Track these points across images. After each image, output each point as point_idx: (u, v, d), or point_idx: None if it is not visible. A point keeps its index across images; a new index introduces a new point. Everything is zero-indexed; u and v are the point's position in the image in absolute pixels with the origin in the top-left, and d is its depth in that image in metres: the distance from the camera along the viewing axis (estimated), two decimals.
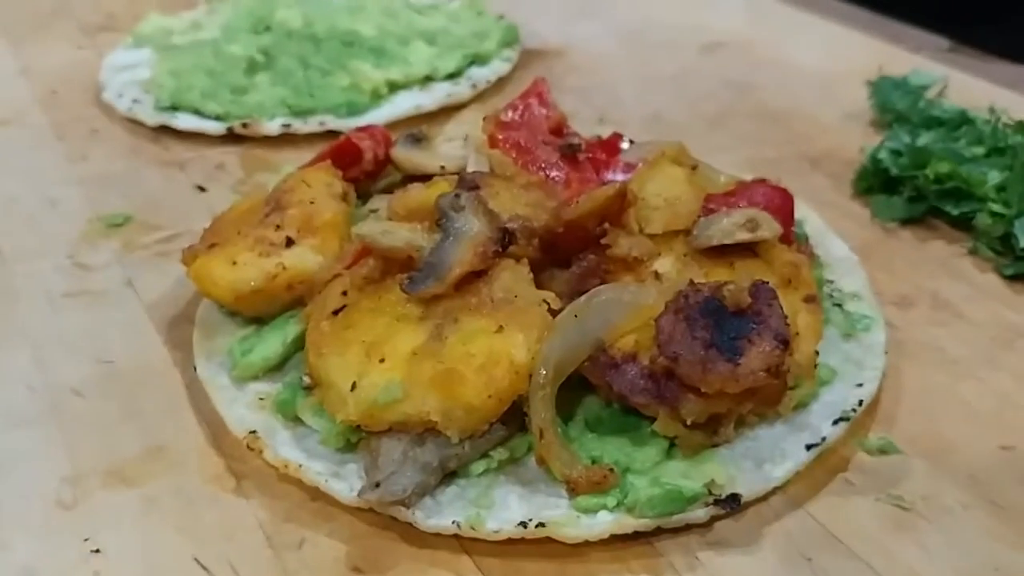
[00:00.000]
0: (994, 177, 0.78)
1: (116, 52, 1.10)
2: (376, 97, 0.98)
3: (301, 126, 0.93)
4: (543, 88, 0.84)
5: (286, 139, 0.93)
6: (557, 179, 0.73)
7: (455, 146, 0.79)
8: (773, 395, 0.58)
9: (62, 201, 0.86)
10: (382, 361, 0.58)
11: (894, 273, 0.75)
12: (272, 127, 0.93)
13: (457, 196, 0.63)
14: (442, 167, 0.75)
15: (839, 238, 0.75)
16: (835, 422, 0.59)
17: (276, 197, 0.71)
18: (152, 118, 0.96)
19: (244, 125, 0.93)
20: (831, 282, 0.71)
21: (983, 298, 0.72)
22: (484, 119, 0.77)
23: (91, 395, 0.65)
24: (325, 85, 0.98)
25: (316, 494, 0.57)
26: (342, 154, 0.77)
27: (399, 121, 0.95)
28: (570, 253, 0.64)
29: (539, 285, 0.62)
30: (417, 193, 0.69)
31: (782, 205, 0.69)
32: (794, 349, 0.59)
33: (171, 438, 0.62)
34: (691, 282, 0.58)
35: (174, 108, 0.96)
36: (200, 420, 0.63)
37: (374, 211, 0.74)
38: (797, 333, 0.60)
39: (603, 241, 0.63)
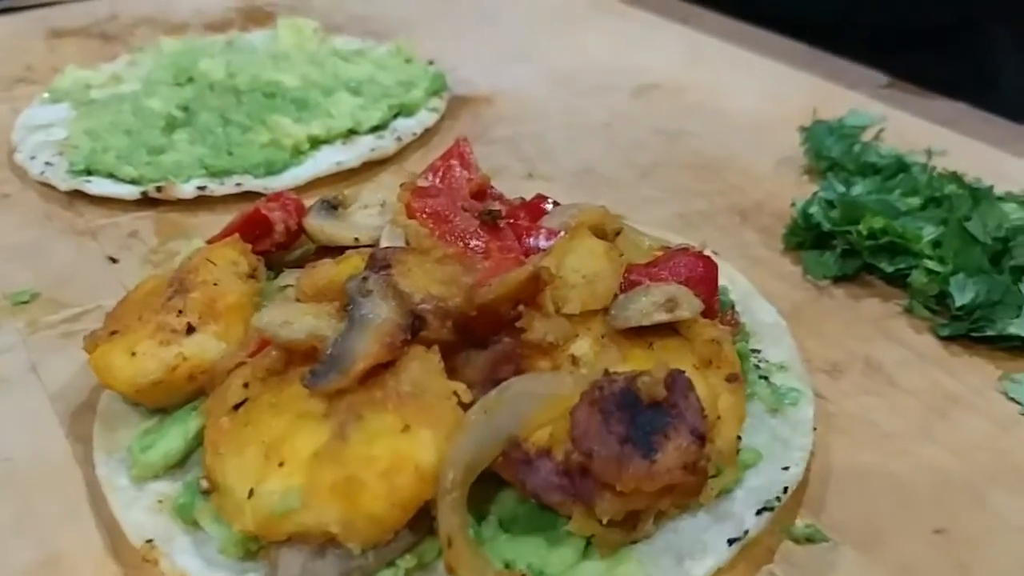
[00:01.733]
0: (930, 232, 0.77)
1: (31, 108, 1.07)
2: (297, 153, 0.95)
3: (217, 188, 0.90)
4: (464, 149, 0.82)
5: (202, 201, 0.90)
6: (477, 249, 0.70)
7: (371, 214, 0.76)
8: (693, 488, 0.55)
9: None
10: (281, 465, 0.55)
11: (824, 337, 0.73)
12: (187, 190, 0.90)
13: (365, 279, 0.61)
14: (356, 239, 0.72)
15: (767, 302, 0.73)
16: (759, 512, 0.57)
17: (180, 278, 0.68)
18: (64, 182, 0.92)
19: (158, 189, 0.89)
20: (757, 352, 0.68)
21: (918, 362, 0.70)
22: (401, 186, 0.74)
23: None
24: (244, 142, 0.95)
25: None
26: (251, 226, 0.74)
27: (319, 179, 0.92)
28: (486, 334, 0.62)
29: (454, 368, 0.59)
30: (326, 270, 0.66)
31: (705, 275, 0.67)
32: (715, 435, 0.57)
33: (67, 546, 0.58)
34: (606, 371, 0.56)
35: (88, 171, 0.92)
36: (99, 525, 0.60)
37: (285, 287, 0.71)
38: (719, 417, 0.58)
39: (518, 324, 0.60)
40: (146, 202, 0.90)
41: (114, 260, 0.84)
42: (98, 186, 0.91)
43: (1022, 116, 1.04)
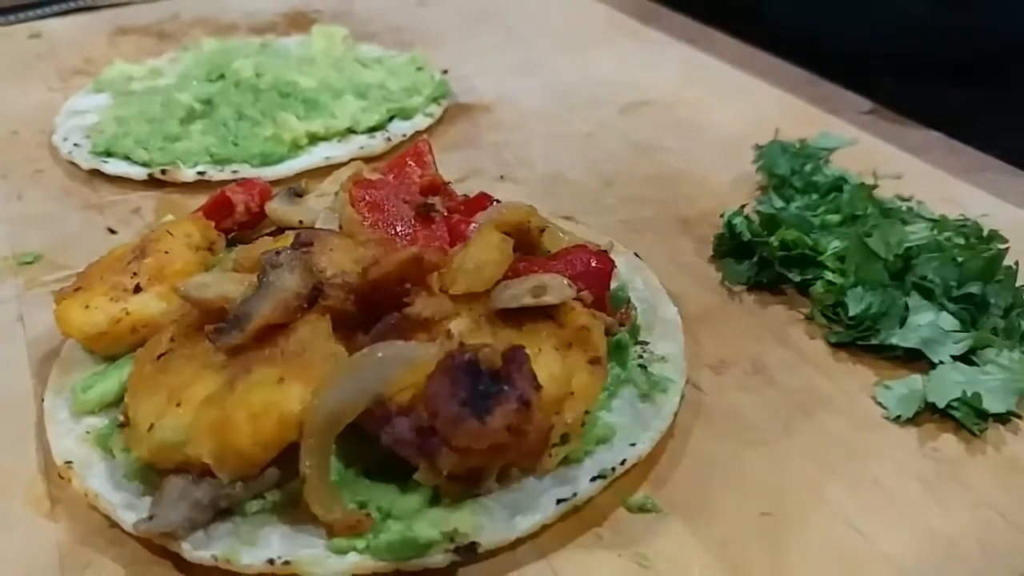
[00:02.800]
0: (836, 246, 0.81)
1: (76, 96, 1.19)
2: (295, 148, 1.04)
3: (215, 174, 1.00)
4: (423, 148, 0.90)
5: (200, 185, 1.00)
6: (403, 236, 0.78)
7: (324, 202, 0.84)
8: (533, 451, 0.62)
9: None
10: (178, 406, 0.63)
11: (722, 337, 0.78)
12: (188, 174, 1.00)
13: (278, 253, 0.69)
14: (300, 221, 0.80)
15: (671, 301, 0.78)
16: (593, 479, 0.63)
17: (142, 246, 0.78)
18: (86, 162, 1.03)
19: (163, 171, 1.00)
20: (645, 343, 0.74)
21: (801, 365, 0.75)
22: (349, 177, 0.82)
23: None
24: (250, 135, 1.05)
25: (114, 522, 0.63)
26: (216, 207, 0.83)
27: (309, 172, 1.01)
28: (382, 310, 0.69)
29: (353, 339, 0.67)
30: (261, 245, 0.75)
31: (598, 270, 0.73)
32: (565, 408, 0.64)
33: (8, 463, 0.68)
34: (461, 343, 0.63)
35: (108, 153, 1.04)
36: (39, 449, 0.70)
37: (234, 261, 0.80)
38: (572, 393, 0.65)
39: (405, 300, 0.68)
40: (152, 183, 1.01)
41: (113, 231, 0.94)
42: (113, 166, 1.02)
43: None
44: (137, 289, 0.74)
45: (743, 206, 0.87)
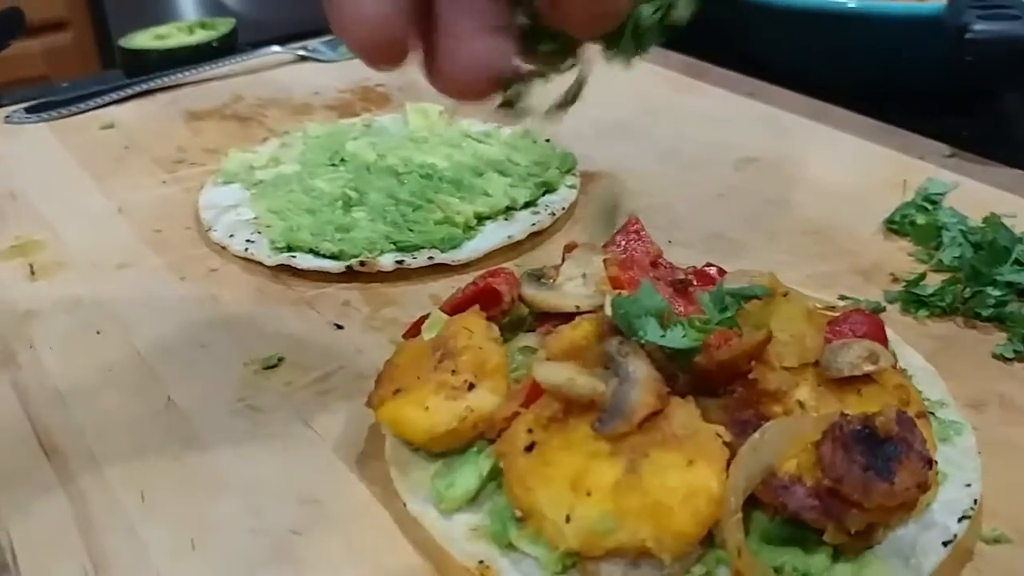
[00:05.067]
0: None
1: (208, 190, 1.20)
2: (467, 229, 1.09)
3: (412, 261, 1.04)
4: (639, 225, 0.97)
5: (398, 274, 1.03)
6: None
7: (577, 284, 0.90)
8: (914, 503, 0.70)
9: (211, 345, 0.95)
10: (589, 494, 0.68)
11: (959, 378, 0.87)
12: (387, 263, 1.03)
13: (621, 343, 0.75)
14: (577, 307, 0.86)
15: (912, 349, 0.88)
16: (959, 519, 0.72)
17: (442, 343, 0.82)
18: (271, 258, 1.05)
19: (362, 263, 1.03)
20: (919, 392, 0.84)
21: None
22: (604, 261, 0.88)
23: (310, 534, 0.74)
24: (420, 219, 1.08)
25: None
26: (485, 297, 0.88)
27: (494, 251, 1.06)
28: (717, 385, 0.76)
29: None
30: (568, 335, 0.81)
31: (877, 332, 0.82)
32: None
33: (395, 571, 0.71)
34: (842, 413, 0.70)
35: (289, 248, 1.06)
36: (417, 551, 0.73)
37: (524, 347, 0.84)
38: None
39: (751, 376, 0.75)
40: (348, 274, 1.03)
41: (339, 327, 0.97)
42: (303, 260, 1.04)
43: None
44: (471, 386, 0.78)
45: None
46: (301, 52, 1.64)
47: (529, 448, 0.73)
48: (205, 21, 1.76)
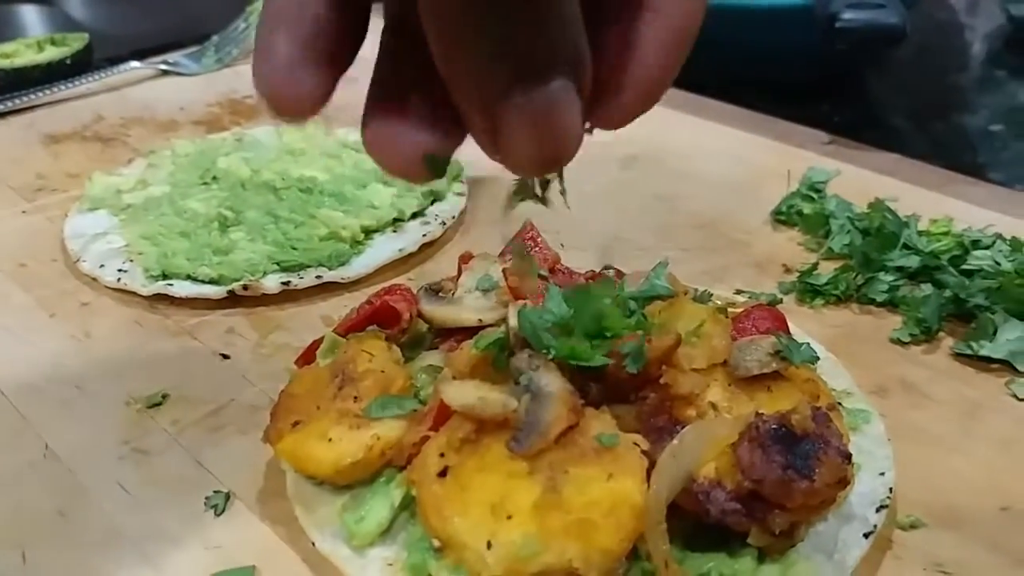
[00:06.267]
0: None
1: (74, 217, 1.12)
2: (355, 244, 1.04)
3: (298, 282, 0.99)
4: (534, 232, 0.94)
5: (285, 296, 0.98)
6: None
7: (476, 296, 0.87)
8: (835, 499, 0.70)
9: (88, 385, 0.88)
10: (509, 518, 0.66)
11: (861, 366, 0.88)
12: (272, 285, 0.98)
13: (530, 356, 0.72)
14: (480, 320, 0.83)
15: (814, 340, 0.88)
16: (877, 509, 0.72)
17: (341, 369, 0.78)
18: (146, 288, 0.99)
19: (245, 287, 0.97)
20: (824, 381, 0.84)
21: (942, 379, 0.87)
22: (504, 271, 0.86)
23: None
24: (303, 237, 1.04)
25: None
26: (382, 317, 0.84)
27: (385, 266, 1.03)
28: (628, 392, 0.74)
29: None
30: (469, 351, 0.78)
31: (780, 326, 0.82)
32: None
33: None
34: (757, 413, 0.69)
35: (164, 275, 1.00)
36: None
37: (430, 368, 0.81)
38: None
39: (662, 381, 0.73)
40: (230, 300, 0.98)
41: (226, 356, 0.91)
42: (182, 288, 0.98)
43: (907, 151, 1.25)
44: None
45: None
46: (162, 67, 1.56)
47: (443, 473, 0.70)
48: (55, 37, 1.66)
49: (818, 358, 0.79)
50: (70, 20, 1.90)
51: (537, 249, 0.93)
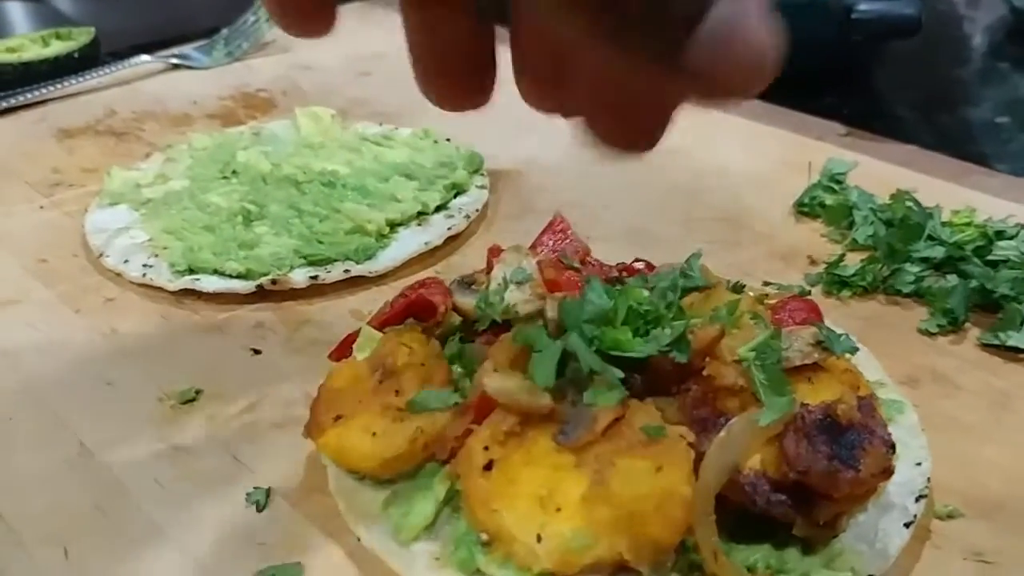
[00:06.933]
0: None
1: (94, 212, 1.12)
2: (381, 237, 1.04)
3: (326, 276, 0.99)
4: (566, 223, 0.95)
5: (313, 290, 0.98)
6: None
7: (510, 289, 0.87)
8: (878, 489, 0.70)
9: (119, 381, 0.88)
10: (558, 510, 0.66)
11: (892, 357, 0.89)
12: (300, 280, 0.98)
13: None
14: (516, 313, 0.83)
15: (844, 332, 0.88)
16: (916, 499, 0.72)
17: (380, 363, 0.78)
18: (173, 283, 0.98)
19: (273, 281, 0.97)
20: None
21: (971, 369, 0.88)
22: (538, 263, 0.86)
23: None
24: (329, 231, 1.03)
25: None
26: (418, 310, 0.84)
27: (411, 259, 1.03)
28: (671, 384, 0.75)
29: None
30: (510, 343, 0.78)
31: (815, 317, 0.83)
32: None
33: None
34: (802, 404, 0.70)
35: (190, 270, 0.99)
36: None
37: (467, 361, 0.81)
38: None
39: (705, 372, 0.73)
40: (258, 294, 0.98)
41: (257, 351, 0.91)
42: (208, 283, 0.98)
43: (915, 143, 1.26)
44: None
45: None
46: (173, 60, 1.55)
47: (488, 467, 0.70)
48: (60, 31, 1.65)
49: (857, 348, 0.80)
50: (73, 14, 1.89)
51: (568, 241, 0.93)
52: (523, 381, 0.72)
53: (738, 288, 0.84)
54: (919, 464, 0.75)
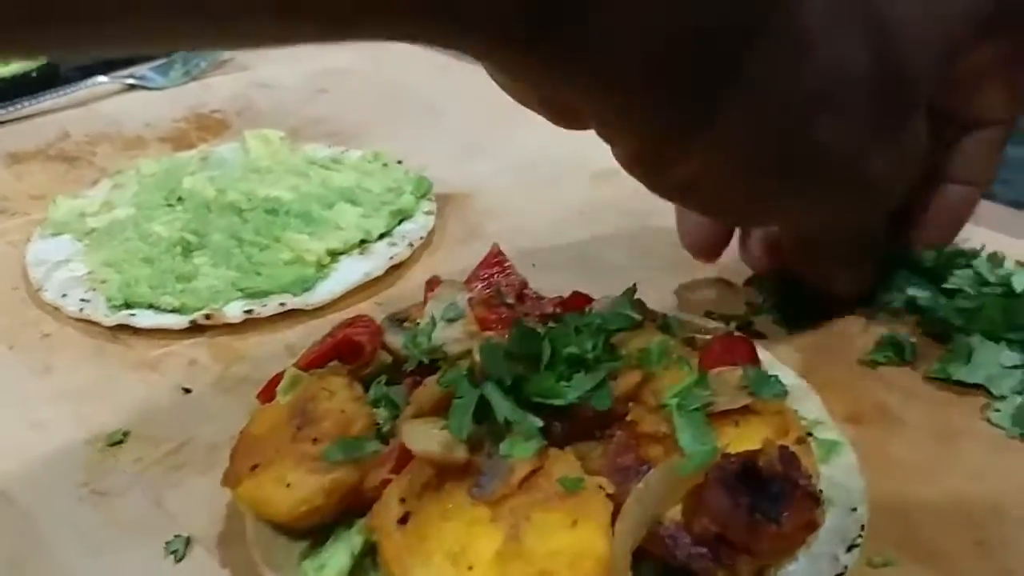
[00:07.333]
0: None
1: (36, 243, 1.10)
2: (320, 268, 1.02)
3: (262, 310, 0.97)
4: (502, 256, 0.93)
5: (248, 325, 0.96)
6: None
7: (442, 327, 0.85)
8: (803, 542, 0.68)
9: (48, 423, 0.86)
10: (470, 568, 0.64)
11: (831, 390, 0.86)
12: (234, 314, 0.96)
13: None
14: (445, 353, 0.81)
15: (785, 366, 0.87)
16: (848, 549, 0.70)
17: (300, 409, 0.76)
18: (108, 318, 0.97)
19: (207, 317, 0.95)
20: (795, 411, 0.82)
21: (914, 401, 0.86)
22: (469, 300, 0.84)
23: None
24: (267, 261, 1.02)
25: None
26: (344, 351, 0.82)
27: (351, 291, 1.01)
28: (592, 429, 0.73)
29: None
30: (434, 388, 0.76)
31: (746, 354, 0.80)
32: None
33: None
34: (724, 454, 0.68)
35: (127, 304, 0.98)
36: None
37: (393, 404, 0.79)
38: None
39: (628, 418, 0.72)
40: (192, 329, 0.96)
41: (187, 390, 0.90)
42: (143, 318, 0.96)
43: None
44: None
45: None
46: (129, 80, 1.53)
47: (403, 520, 0.68)
48: None
49: (787, 392, 0.78)
50: None
51: (505, 274, 0.91)
52: (441, 431, 0.70)
53: (671, 324, 0.82)
54: (854, 510, 0.73)
